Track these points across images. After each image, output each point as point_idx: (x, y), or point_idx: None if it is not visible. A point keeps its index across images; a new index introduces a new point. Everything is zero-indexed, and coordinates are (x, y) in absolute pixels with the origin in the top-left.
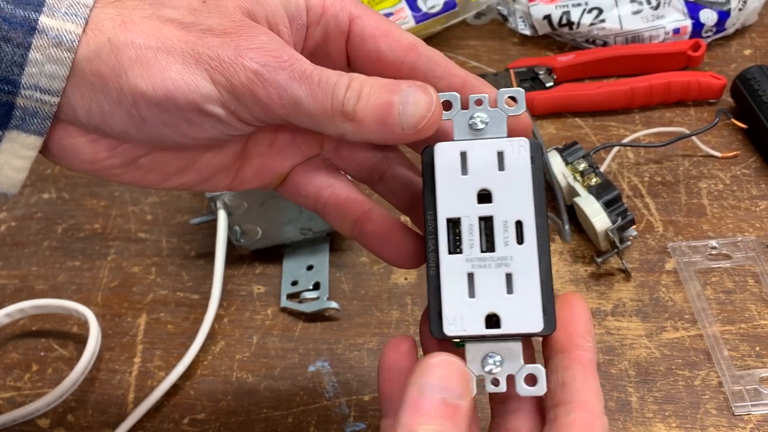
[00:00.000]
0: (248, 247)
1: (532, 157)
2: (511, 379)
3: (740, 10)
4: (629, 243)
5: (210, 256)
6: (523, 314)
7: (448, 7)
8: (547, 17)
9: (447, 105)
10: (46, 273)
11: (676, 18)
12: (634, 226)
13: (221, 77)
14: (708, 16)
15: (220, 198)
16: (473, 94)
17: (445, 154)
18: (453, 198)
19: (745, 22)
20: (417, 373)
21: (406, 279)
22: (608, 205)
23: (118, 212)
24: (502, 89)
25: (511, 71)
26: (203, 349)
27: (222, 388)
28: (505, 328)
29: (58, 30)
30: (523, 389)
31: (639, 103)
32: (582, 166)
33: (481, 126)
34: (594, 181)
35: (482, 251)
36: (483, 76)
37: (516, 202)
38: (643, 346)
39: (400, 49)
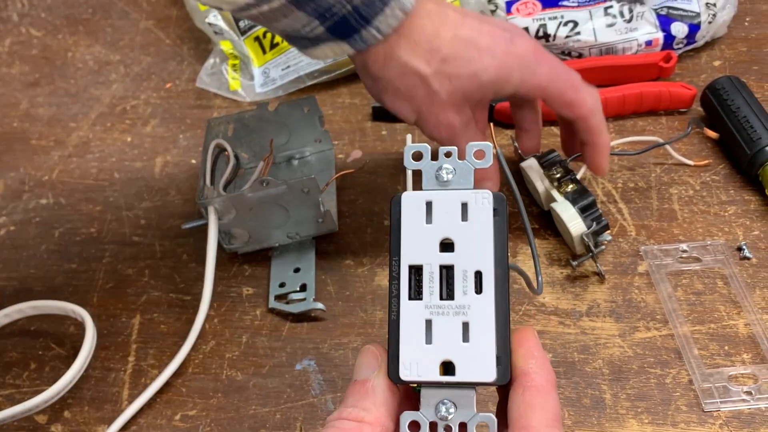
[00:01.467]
0: (238, 251)
1: (495, 209)
2: (463, 426)
3: (710, 23)
4: (603, 247)
5: (201, 259)
6: (478, 363)
7: None
8: (525, 30)
9: (417, 156)
10: (43, 275)
11: (648, 31)
12: (608, 231)
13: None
14: (679, 29)
15: (211, 203)
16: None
17: (411, 203)
18: (416, 245)
19: (714, 35)
20: None
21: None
22: (584, 211)
23: (112, 217)
24: (470, 143)
25: None
26: (195, 348)
27: (212, 385)
28: (459, 376)
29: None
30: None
31: (613, 112)
32: (559, 173)
33: (447, 177)
34: (570, 187)
35: (441, 299)
36: None
37: (477, 252)
38: (616, 346)
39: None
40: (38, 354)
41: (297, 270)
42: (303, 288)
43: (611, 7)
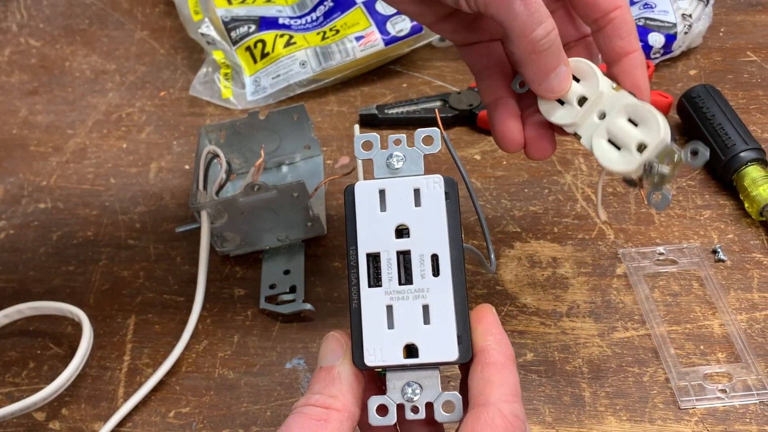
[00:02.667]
0: (229, 253)
1: (447, 193)
2: (429, 406)
3: (686, 33)
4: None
5: (194, 261)
6: (440, 344)
7: (414, 30)
8: None
9: (367, 145)
10: (42, 277)
11: None
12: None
13: None
14: (656, 39)
15: (204, 208)
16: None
17: (364, 192)
18: (372, 234)
19: (690, 45)
20: None
21: None
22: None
23: (109, 221)
24: (419, 129)
25: (474, 90)
26: (188, 347)
27: (205, 383)
28: (423, 358)
29: None
30: (441, 416)
31: None
32: None
33: (398, 165)
34: None
35: (400, 284)
36: (447, 94)
37: (432, 236)
38: (595, 345)
39: (609, 6)
40: (37, 353)
41: (287, 272)
42: (293, 289)
43: None
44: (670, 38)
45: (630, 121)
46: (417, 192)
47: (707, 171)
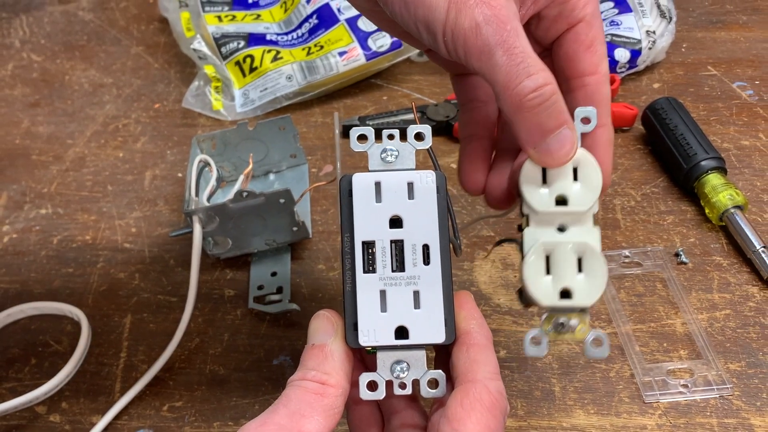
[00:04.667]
0: (220, 256)
1: (437, 187)
2: (416, 383)
3: (650, 49)
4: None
5: (187, 263)
6: (429, 327)
7: (394, 46)
8: None
9: (363, 138)
10: (43, 278)
11: None
12: None
13: (454, 13)
14: (622, 54)
15: (196, 213)
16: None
17: (361, 184)
18: (368, 223)
19: (654, 60)
20: None
21: None
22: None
23: (106, 225)
24: (411, 126)
25: (450, 102)
26: (181, 345)
27: (197, 379)
28: (413, 339)
29: None
30: (426, 392)
31: None
32: None
33: (391, 159)
34: None
35: (393, 271)
36: (425, 106)
37: (423, 227)
38: (565, 343)
39: (587, 69)
40: (38, 350)
41: (274, 274)
42: (279, 290)
43: None
44: (635, 53)
45: (579, 260)
46: (410, 185)
47: (670, 178)
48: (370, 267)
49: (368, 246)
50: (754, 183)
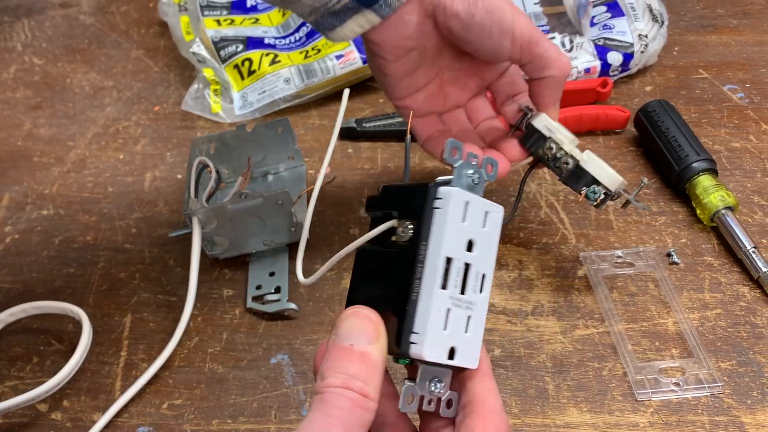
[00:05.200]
0: (219, 256)
1: (502, 223)
2: (449, 403)
3: (642, 52)
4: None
5: (186, 264)
6: (469, 352)
7: None
8: None
9: (454, 152)
10: (44, 278)
11: (587, 59)
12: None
13: (513, 16)
14: (614, 58)
15: (195, 214)
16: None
17: (457, 200)
18: (453, 240)
19: (646, 63)
20: (334, 327)
21: None
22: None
23: (107, 226)
24: (487, 157)
25: None
26: (180, 344)
27: (196, 377)
28: (458, 361)
29: None
30: (444, 411)
31: None
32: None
33: (477, 182)
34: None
35: (460, 292)
36: None
37: (485, 257)
38: (558, 342)
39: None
40: (40, 349)
41: (272, 274)
42: (277, 290)
43: (554, 38)
44: (628, 57)
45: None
46: (486, 215)
47: (662, 180)
48: (444, 283)
49: (448, 261)
50: (744, 184)
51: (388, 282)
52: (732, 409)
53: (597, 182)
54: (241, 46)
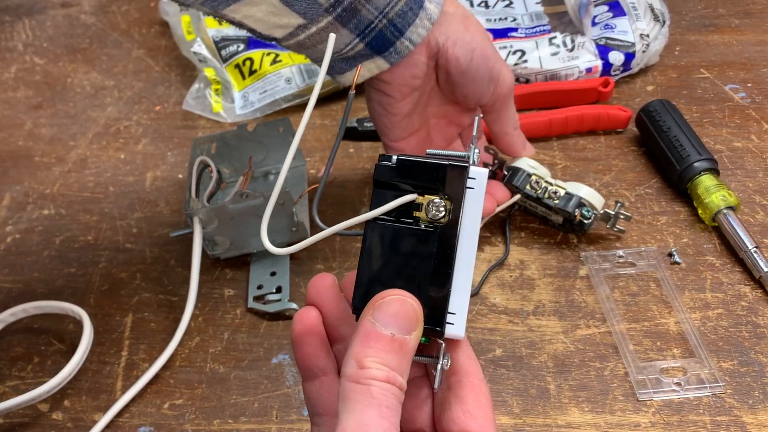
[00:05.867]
0: (220, 256)
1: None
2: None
3: (643, 52)
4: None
5: (187, 263)
6: (461, 321)
7: None
8: None
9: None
10: (45, 278)
11: (588, 59)
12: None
13: (500, 64)
14: (616, 57)
15: (196, 214)
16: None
17: (484, 180)
18: (478, 215)
19: (648, 63)
20: (372, 306)
21: None
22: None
23: (108, 226)
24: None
25: None
26: (181, 343)
27: (197, 377)
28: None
29: (430, 10)
30: (437, 382)
31: (557, 132)
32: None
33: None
34: (559, 192)
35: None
36: None
37: (476, 221)
38: (560, 341)
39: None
40: (41, 349)
41: (273, 274)
42: (278, 290)
43: (555, 38)
44: (629, 56)
45: None
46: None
47: (663, 180)
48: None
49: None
50: (746, 184)
51: (414, 259)
52: (733, 409)
53: (583, 204)
54: (242, 46)
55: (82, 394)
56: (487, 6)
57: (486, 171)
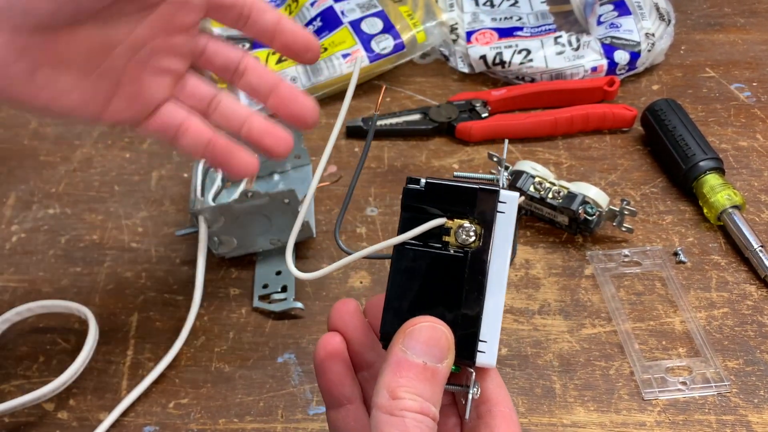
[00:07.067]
0: (225, 255)
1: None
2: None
3: (649, 51)
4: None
5: (192, 263)
6: (493, 349)
7: (397, 48)
8: (483, 57)
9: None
10: (51, 277)
11: (593, 58)
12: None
13: None
14: (621, 56)
15: (201, 213)
16: (283, 27)
17: (515, 204)
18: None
19: (653, 62)
20: (403, 334)
21: (361, 283)
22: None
23: (113, 225)
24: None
25: (452, 104)
26: (186, 343)
27: (203, 376)
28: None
29: None
30: (468, 412)
31: (562, 131)
32: (541, 186)
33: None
34: (562, 192)
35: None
36: (427, 108)
37: (507, 247)
38: (565, 341)
39: None
40: (46, 348)
41: (278, 273)
42: (284, 289)
43: (560, 37)
44: (635, 56)
45: None
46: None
47: (669, 179)
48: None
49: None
50: (751, 183)
51: (443, 285)
52: (739, 409)
53: (586, 202)
54: (247, 45)
55: (88, 393)
56: (492, 5)
57: (516, 195)
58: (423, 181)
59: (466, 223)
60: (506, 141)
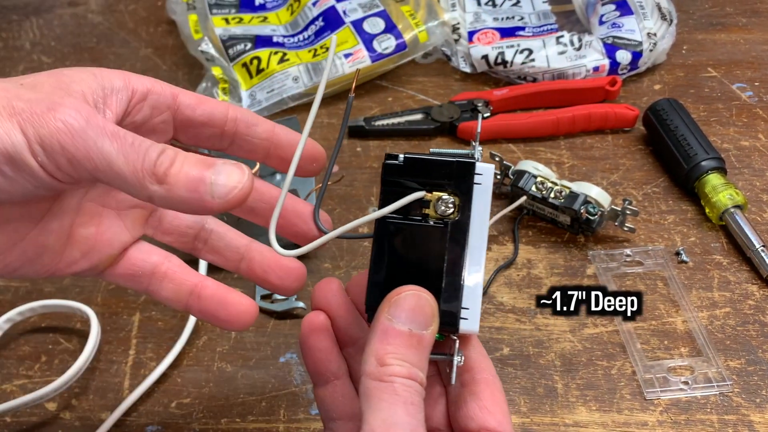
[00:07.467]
0: None
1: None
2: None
3: (651, 51)
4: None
5: (195, 263)
6: (475, 316)
7: (399, 48)
8: (485, 57)
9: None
10: (53, 277)
11: (595, 58)
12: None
13: (31, 128)
14: (623, 56)
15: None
16: (279, 140)
17: (491, 175)
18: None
19: (655, 61)
20: (388, 303)
21: None
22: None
23: None
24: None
25: (454, 104)
26: (189, 342)
27: (205, 376)
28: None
29: None
30: (453, 378)
31: (564, 130)
32: (543, 185)
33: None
34: (564, 192)
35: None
36: (429, 107)
37: (485, 216)
38: (567, 340)
39: (220, 111)
40: (48, 348)
41: None
42: None
43: (562, 36)
44: (637, 55)
45: None
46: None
47: (671, 179)
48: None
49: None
50: (753, 183)
51: (425, 256)
52: (741, 408)
53: (588, 201)
54: (249, 45)
55: (90, 393)
56: (494, 5)
57: (492, 166)
58: (402, 156)
59: (445, 195)
60: (480, 117)
